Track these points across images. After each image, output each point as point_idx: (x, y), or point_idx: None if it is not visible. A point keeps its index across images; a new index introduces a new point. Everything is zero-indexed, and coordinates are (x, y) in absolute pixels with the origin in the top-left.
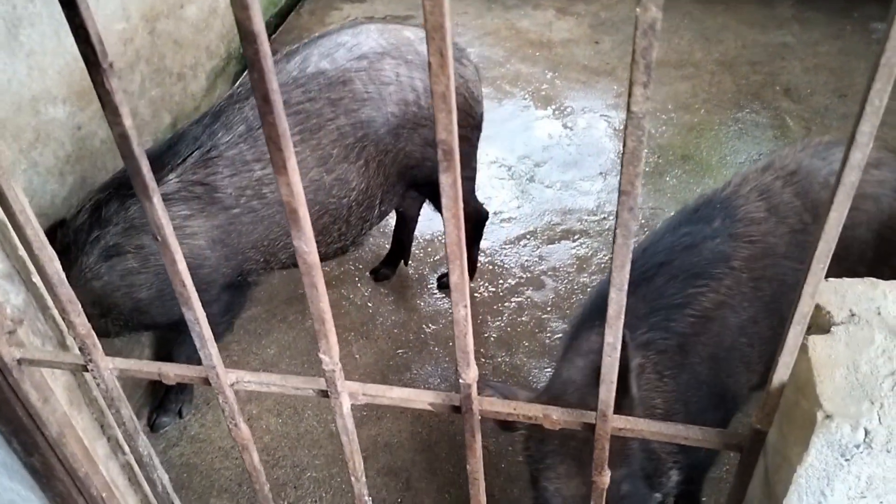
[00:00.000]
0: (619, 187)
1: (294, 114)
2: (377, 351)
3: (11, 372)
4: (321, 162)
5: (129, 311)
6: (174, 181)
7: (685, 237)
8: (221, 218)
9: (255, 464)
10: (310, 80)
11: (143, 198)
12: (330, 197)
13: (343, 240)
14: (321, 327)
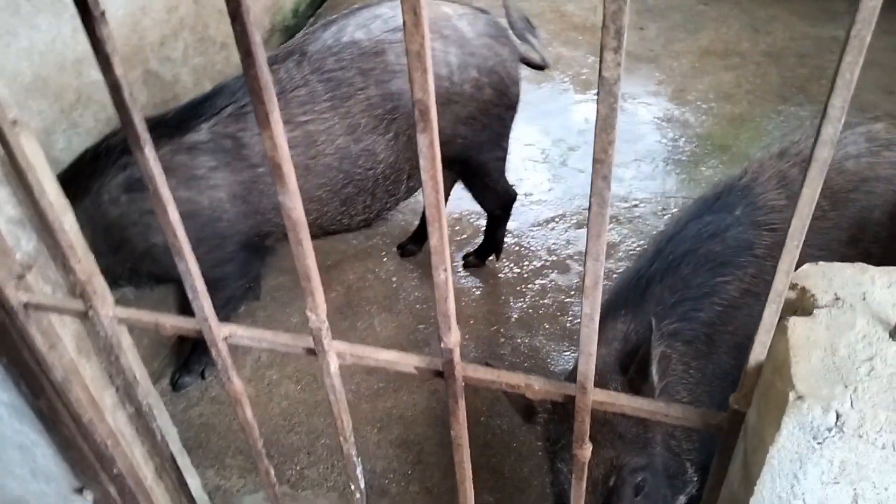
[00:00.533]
0: (593, 155)
1: (326, 80)
2: (398, 325)
3: (18, 315)
4: (350, 130)
5: (140, 255)
6: (206, 131)
7: (709, 226)
8: (246, 174)
9: (248, 419)
10: (343, 48)
11: (135, 148)
12: (356, 167)
13: (367, 212)
14: (307, 284)
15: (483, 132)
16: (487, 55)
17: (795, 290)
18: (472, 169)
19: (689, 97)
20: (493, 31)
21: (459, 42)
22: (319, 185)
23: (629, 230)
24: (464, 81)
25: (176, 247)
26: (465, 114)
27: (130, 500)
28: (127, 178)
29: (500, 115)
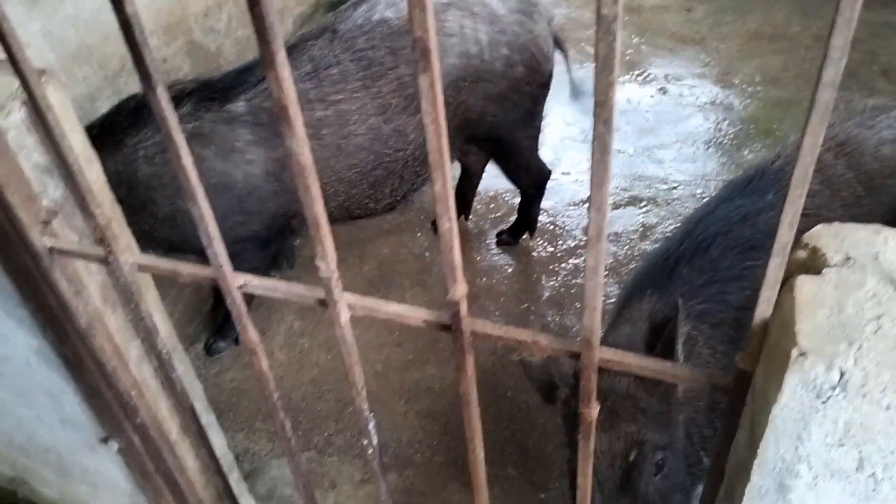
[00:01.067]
0: (594, 98)
1: (357, 60)
2: (429, 299)
3: (42, 260)
4: (380, 111)
5: (162, 218)
6: (243, 103)
7: (739, 209)
8: (281, 152)
9: (263, 370)
10: (374, 27)
11: (146, 88)
12: (386, 148)
13: (394, 196)
14: (316, 233)
15: (514, 110)
16: (519, 32)
17: (806, 250)
18: (503, 147)
19: (734, 80)
20: (525, 7)
21: (490, 19)
22: (350, 166)
23: (667, 212)
24: (494, 59)
25: (189, 191)
26: (496, 92)
27: (154, 451)
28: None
29: (532, 92)
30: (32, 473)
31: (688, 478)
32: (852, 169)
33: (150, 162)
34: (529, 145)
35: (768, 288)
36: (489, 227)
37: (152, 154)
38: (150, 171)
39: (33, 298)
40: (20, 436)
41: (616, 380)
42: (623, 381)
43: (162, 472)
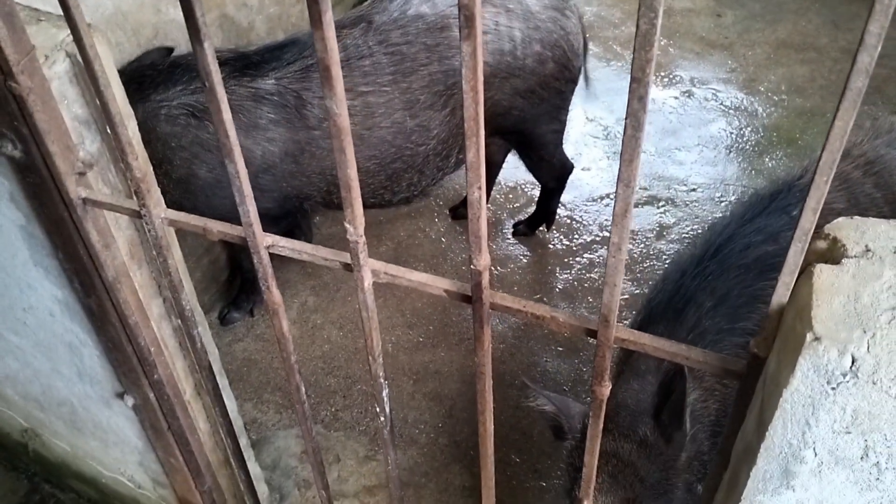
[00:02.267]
0: (631, 73)
1: (390, 54)
2: None
3: (76, 210)
4: (407, 105)
5: (176, 181)
6: (272, 81)
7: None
8: (302, 135)
9: (283, 330)
10: (410, 22)
11: (193, 41)
12: (408, 142)
13: (411, 190)
14: (347, 195)
15: (541, 105)
16: (552, 28)
17: (827, 240)
18: (527, 141)
19: (759, 87)
20: (558, 3)
21: (524, 16)
22: (369, 157)
23: (685, 213)
24: (527, 56)
25: (227, 147)
26: (525, 87)
27: (168, 409)
28: (194, 102)
29: (561, 88)
30: (45, 426)
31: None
32: (880, 189)
33: (173, 121)
34: (554, 139)
35: (787, 274)
36: (507, 216)
37: (176, 114)
38: (170, 130)
39: (63, 248)
40: (36, 387)
41: (621, 444)
42: (626, 447)
43: (174, 430)
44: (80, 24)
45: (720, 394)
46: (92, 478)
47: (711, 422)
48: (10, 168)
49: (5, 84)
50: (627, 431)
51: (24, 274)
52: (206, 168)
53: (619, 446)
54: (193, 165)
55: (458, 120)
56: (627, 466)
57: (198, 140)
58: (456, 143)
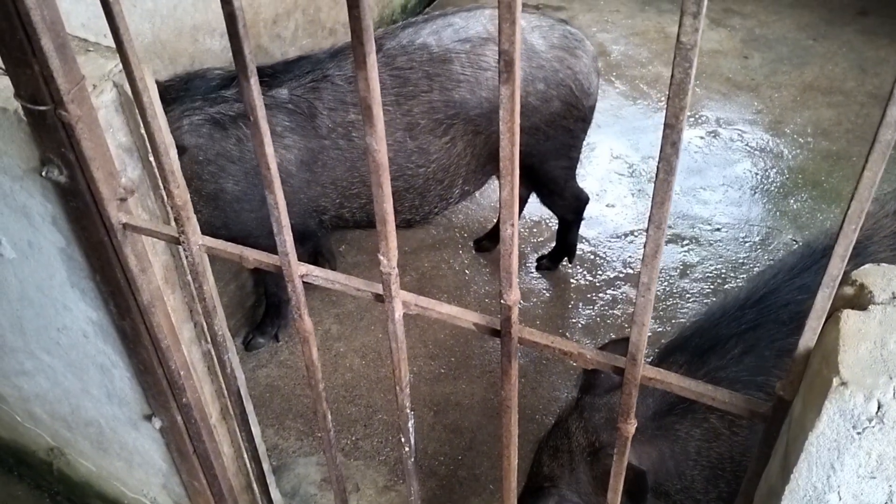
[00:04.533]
0: (665, 120)
1: (394, 77)
2: None
3: (116, 234)
4: (408, 127)
5: (206, 198)
6: (285, 91)
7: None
8: (314, 143)
9: (312, 358)
10: (416, 50)
11: (241, 76)
12: (409, 162)
13: (413, 212)
14: (383, 228)
15: (548, 142)
16: (558, 67)
17: (854, 287)
18: (535, 176)
19: (785, 129)
20: (568, 43)
21: (527, 54)
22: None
23: (709, 252)
24: (528, 94)
25: (268, 179)
26: (528, 125)
27: (195, 432)
28: (216, 113)
29: (569, 126)
30: (71, 445)
31: None
32: None
33: (197, 133)
34: (563, 175)
35: (814, 318)
36: (530, 250)
37: (199, 125)
38: (195, 143)
39: (101, 271)
40: (65, 407)
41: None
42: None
43: (199, 453)
44: (131, 56)
45: (726, 438)
46: (115, 498)
47: (711, 464)
48: (54, 192)
49: (55, 112)
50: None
51: (60, 295)
52: (231, 182)
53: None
54: (220, 178)
55: (460, 150)
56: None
57: (223, 151)
58: (458, 174)
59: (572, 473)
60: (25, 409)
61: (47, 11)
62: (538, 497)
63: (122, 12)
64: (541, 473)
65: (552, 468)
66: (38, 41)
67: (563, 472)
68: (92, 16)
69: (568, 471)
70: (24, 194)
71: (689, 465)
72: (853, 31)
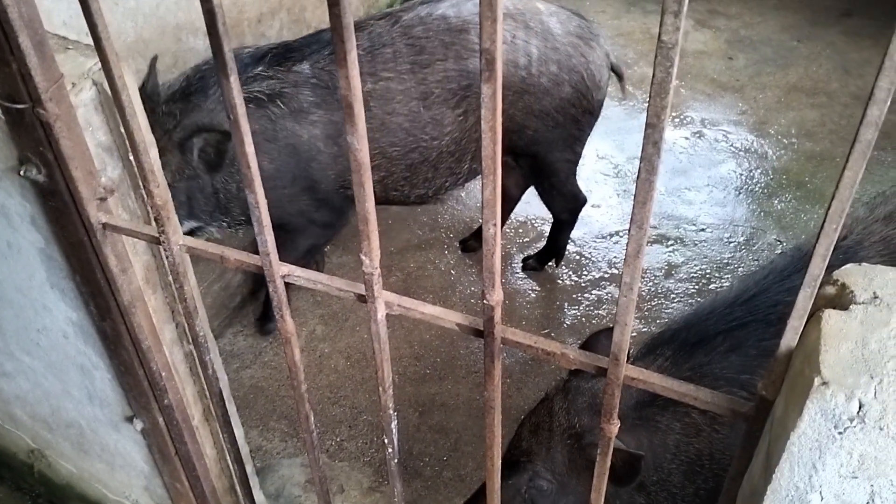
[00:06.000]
0: (646, 119)
1: (410, 45)
2: None
3: (96, 234)
4: (423, 96)
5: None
6: (307, 66)
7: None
8: (338, 115)
9: (295, 359)
10: (433, 21)
11: (220, 75)
12: (423, 133)
13: (427, 186)
14: (364, 227)
15: (556, 130)
16: (572, 53)
17: (835, 286)
18: (539, 166)
19: (770, 130)
20: (584, 33)
21: (543, 35)
22: (392, 143)
23: (693, 253)
24: (541, 74)
25: (247, 178)
26: (539, 107)
27: (177, 434)
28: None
29: (577, 117)
30: (52, 447)
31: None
32: None
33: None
34: (566, 169)
35: (796, 318)
36: (515, 251)
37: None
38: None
39: (81, 272)
40: (45, 408)
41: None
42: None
43: (181, 455)
44: (110, 55)
45: (707, 435)
46: (96, 501)
47: (690, 460)
48: (33, 192)
49: (33, 111)
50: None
51: (40, 295)
52: (268, 159)
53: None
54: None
55: (471, 124)
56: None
57: (260, 129)
58: (468, 149)
59: (549, 452)
60: (5, 410)
61: (25, 8)
62: (513, 471)
63: (100, 10)
64: (519, 447)
65: (530, 444)
66: (15, 39)
67: (540, 450)
68: (73, 14)
69: (545, 449)
70: (3, 194)
71: (668, 459)
72: (837, 32)
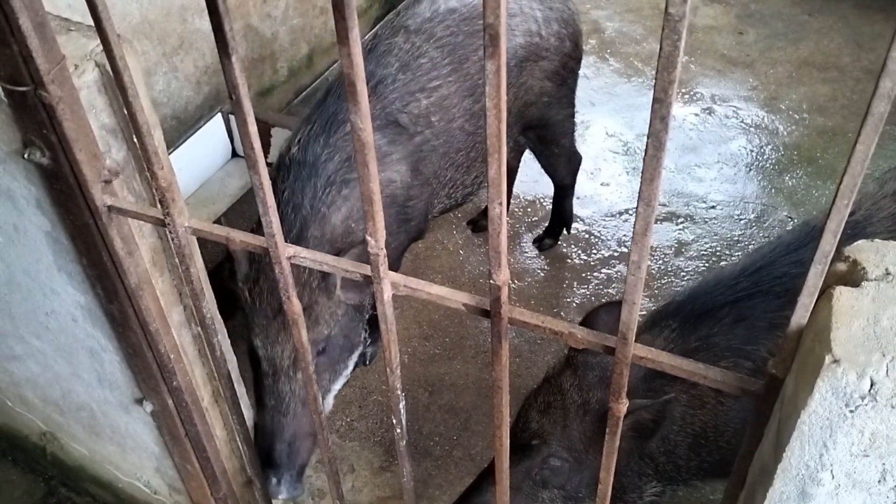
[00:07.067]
0: (654, 94)
1: (441, 47)
2: None
3: (101, 217)
4: (470, 91)
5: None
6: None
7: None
8: (410, 145)
9: (302, 340)
10: (445, 16)
11: (222, 54)
12: (478, 128)
13: (474, 184)
14: (370, 208)
15: (563, 87)
16: (562, 8)
17: (847, 263)
18: (548, 129)
19: (781, 106)
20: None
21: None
22: (458, 150)
23: (703, 230)
24: (550, 35)
25: (251, 159)
26: (552, 69)
27: (186, 416)
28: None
29: (575, 68)
30: (64, 430)
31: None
32: None
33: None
34: (570, 126)
35: (807, 295)
36: (525, 230)
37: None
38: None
39: (87, 254)
40: (56, 391)
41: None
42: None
43: (191, 436)
44: (110, 35)
45: (711, 408)
46: (109, 482)
47: (695, 432)
48: (37, 175)
49: (35, 93)
50: (585, 387)
51: (47, 279)
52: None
53: (571, 392)
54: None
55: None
56: (562, 410)
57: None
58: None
59: (564, 430)
60: (17, 393)
61: None
62: (525, 453)
63: None
64: (528, 430)
65: (542, 424)
66: (15, 20)
67: (554, 429)
68: None
69: (560, 427)
70: (8, 177)
71: (674, 431)
72: (848, 5)
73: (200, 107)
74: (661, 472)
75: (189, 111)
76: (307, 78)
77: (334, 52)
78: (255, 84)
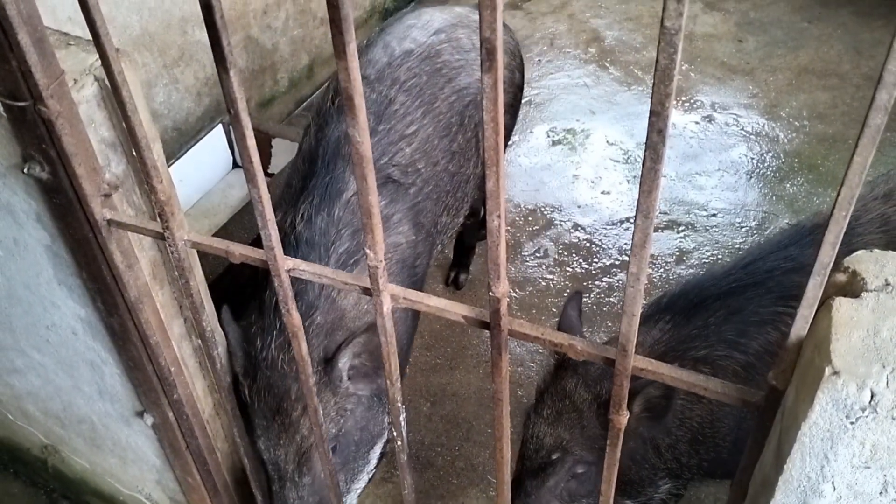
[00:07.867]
0: (650, 107)
1: (407, 91)
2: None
3: (101, 230)
4: (446, 131)
5: None
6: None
7: (793, 259)
8: (409, 199)
9: (302, 353)
10: (404, 59)
11: (220, 68)
12: (460, 168)
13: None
14: (368, 221)
15: (513, 119)
16: (508, 39)
17: (846, 273)
18: None
19: (781, 113)
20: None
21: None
22: (447, 192)
23: (705, 238)
24: (513, 69)
25: (250, 173)
26: (507, 102)
27: (187, 428)
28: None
29: (520, 98)
30: (65, 443)
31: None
32: None
33: None
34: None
35: (806, 307)
36: (525, 239)
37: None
38: None
39: (87, 268)
40: (57, 404)
41: (579, 391)
42: (582, 395)
43: (192, 449)
44: (109, 50)
45: (706, 402)
46: (110, 495)
47: (693, 427)
48: (37, 189)
49: (35, 108)
50: (592, 382)
51: (48, 292)
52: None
53: (579, 392)
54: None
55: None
56: (575, 411)
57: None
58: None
59: (584, 430)
60: (18, 406)
61: (24, 5)
62: (547, 472)
63: (97, 4)
64: (543, 447)
65: (558, 434)
66: (14, 36)
67: (573, 433)
68: (79, 9)
69: (579, 429)
70: (8, 191)
71: (675, 424)
72: (848, 12)
73: (201, 118)
74: (669, 469)
75: (190, 122)
76: (308, 88)
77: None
78: (255, 95)
